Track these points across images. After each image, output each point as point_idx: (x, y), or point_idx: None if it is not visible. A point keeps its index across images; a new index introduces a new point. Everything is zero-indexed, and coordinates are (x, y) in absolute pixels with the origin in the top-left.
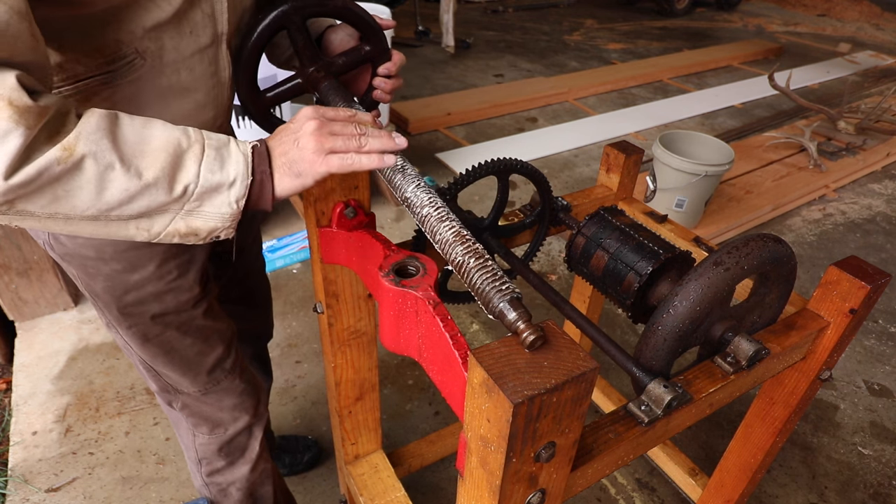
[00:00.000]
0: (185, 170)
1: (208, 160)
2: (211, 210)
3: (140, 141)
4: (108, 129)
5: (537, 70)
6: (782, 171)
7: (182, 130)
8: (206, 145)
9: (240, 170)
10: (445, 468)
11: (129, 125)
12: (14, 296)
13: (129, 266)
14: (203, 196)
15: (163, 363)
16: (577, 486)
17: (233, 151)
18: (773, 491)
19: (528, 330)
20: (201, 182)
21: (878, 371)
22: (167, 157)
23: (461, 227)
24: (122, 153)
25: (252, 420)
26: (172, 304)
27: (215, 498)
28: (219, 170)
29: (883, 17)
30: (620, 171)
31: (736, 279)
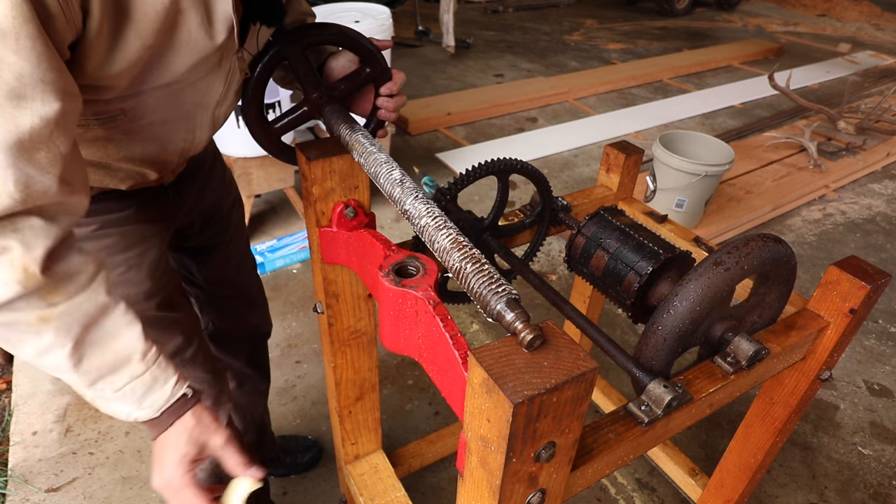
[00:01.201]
0: (116, 377)
1: (140, 382)
2: (115, 407)
3: (109, 336)
4: (91, 317)
5: (537, 70)
6: (782, 171)
7: (145, 349)
8: (149, 373)
9: (158, 401)
10: (445, 468)
11: (114, 320)
12: None
13: None
14: (114, 399)
15: None
16: (577, 486)
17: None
18: (773, 491)
19: (526, 329)
20: (119, 393)
21: (878, 371)
22: (111, 361)
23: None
24: (82, 339)
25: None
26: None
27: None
28: (141, 392)
29: (883, 17)
30: (620, 171)
31: (736, 279)
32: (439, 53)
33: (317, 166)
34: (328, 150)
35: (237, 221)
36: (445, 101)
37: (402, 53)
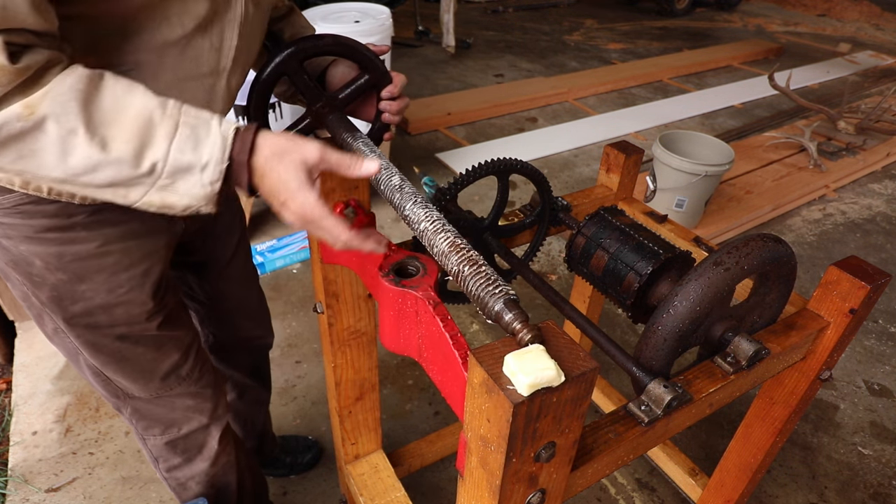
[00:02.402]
0: (154, 146)
1: (181, 139)
2: (184, 189)
3: (115, 108)
4: (82, 91)
5: (537, 70)
6: (782, 171)
7: (160, 103)
8: (181, 122)
9: (215, 153)
10: (445, 468)
11: (110, 90)
12: (14, 296)
13: (75, 277)
14: (174, 175)
15: (113, 370)
16: (577, 486)
17: (212, 132)
18: (773, 491)
19: (524, 329)
20: (171, 161)
21: (878, 371)
22: (136, 130)
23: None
24: (89, 119)
25: (209, 421)
26: (123, 317)
27: (174, 491)
28: (191, 150)
29: (883, 17)
30: (620, 171)
31: (736, 279)
32: (439, 53)
33: None
34: None
35: (239, 234)
36: (445, 101)
37: (402, 53)
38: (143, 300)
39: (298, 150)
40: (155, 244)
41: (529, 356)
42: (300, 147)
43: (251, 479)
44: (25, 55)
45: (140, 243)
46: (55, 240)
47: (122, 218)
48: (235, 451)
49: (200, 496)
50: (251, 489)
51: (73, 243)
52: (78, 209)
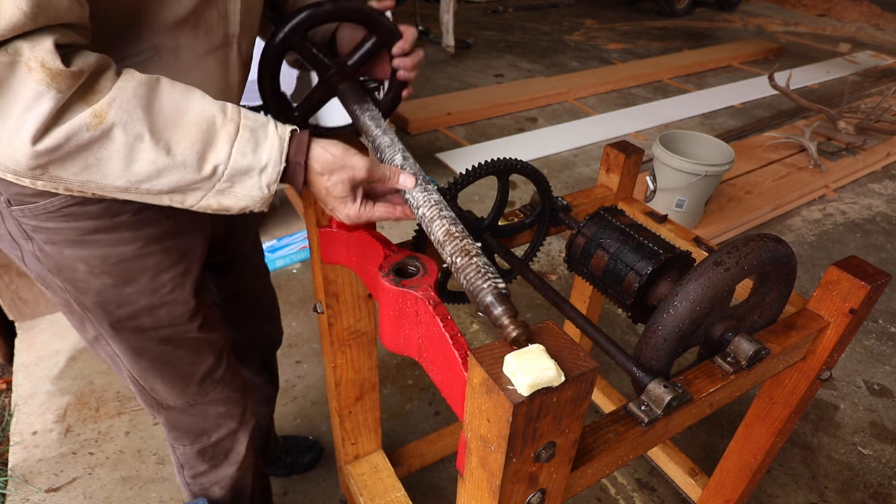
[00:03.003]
0: (217, 149)
1: (241, 142)
2: (242, 191)
3: (175, 112)
4: (144, 98)
5: (537, 70)
6: (782, 171)
7: (220, 107)
8: (242, 126)
9: (273, 155)
10: (445, 468)
11: (168, 94)
12: (14, 296)
13: (120, 280)
14: (234, 177)
15: (153, 377)
16: (577, 486)
17: (269, 134)
18: (773, 491)
19: (511, 325)
20: (231, 164)
21: (878, 371)
22: (199, 134)
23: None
24: (153, 124)
25: (237, 426)
26: (166, 318)
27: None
28: (251, 152)
29: (883, 17)
30: (620, 171)
31: (736, 279)
32: (439, 53)
33: None
34: None
35: (255, 231)
36: (445, 101)
37: None
38: (186, 299)
39: (349, 167)
40: (191, 243)
41: (529, 356)
42: (350, 164)
43: (259, 480)
44: (76, 58)
45: (178, 243)
46: (101, 241)
47: (161, 217)
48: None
49: (223, 500)
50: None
51: (118, 245)
52: (122, 208)
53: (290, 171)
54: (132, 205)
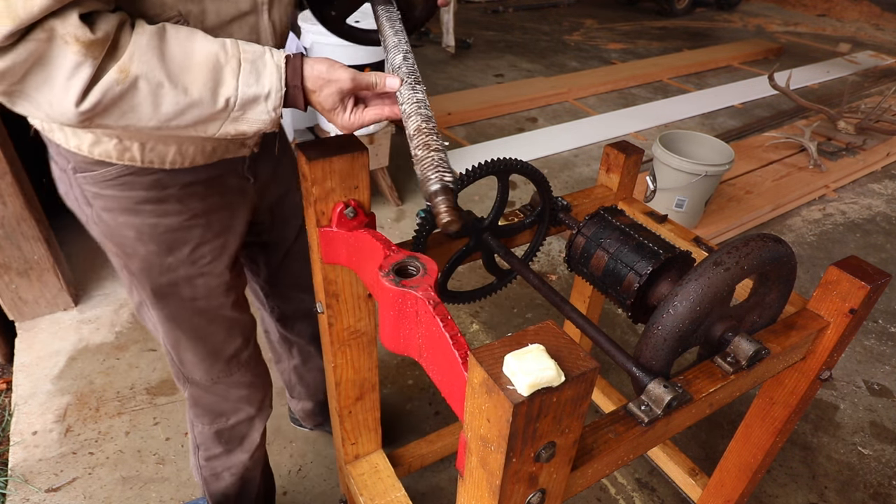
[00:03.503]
0: (225, 85)
1: (245, 74)
2: (253, 117)
3: (184, 56)
4: (156, 48)
5: (537, 70)
6: (782, 171)
7: (220, 44)
8: (242, 59)
9: (273, 82)
10: (445, 468)
11: (175, 40)
12: (14, 296)
13: (164, 248)
14: (244, 106)
15: (185, 348)
16: (577, 486)
17: (267, 63)
18: (773, 491)
19: (445, 213)
20: (240, 95)
21: (878, 371)
22: (208, 73)
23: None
24: (169, 71)
25: (255, 413)
26: (203, 290)
27: (206, 480)
28: (255, 82)
29: (883, 17)
30: (620, 171)
31: (736, 279)
32: (439, 53)
33: (317, 166)
34: (328, 150)
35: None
36: (445, 101)
37: None
38: (221, 271)
39: (335, 80)
40: (232, 220)
41: (529, 356)
42: (335, 77)
43: (265, 479)
44: (98, 23)
45: (220, 217)
46: (150, 211)
47: (206, 193)
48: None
49: (230, 488)
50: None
51: (166, 215)
52: (172, 181)
53: (291, 95)
54: (180, 179)
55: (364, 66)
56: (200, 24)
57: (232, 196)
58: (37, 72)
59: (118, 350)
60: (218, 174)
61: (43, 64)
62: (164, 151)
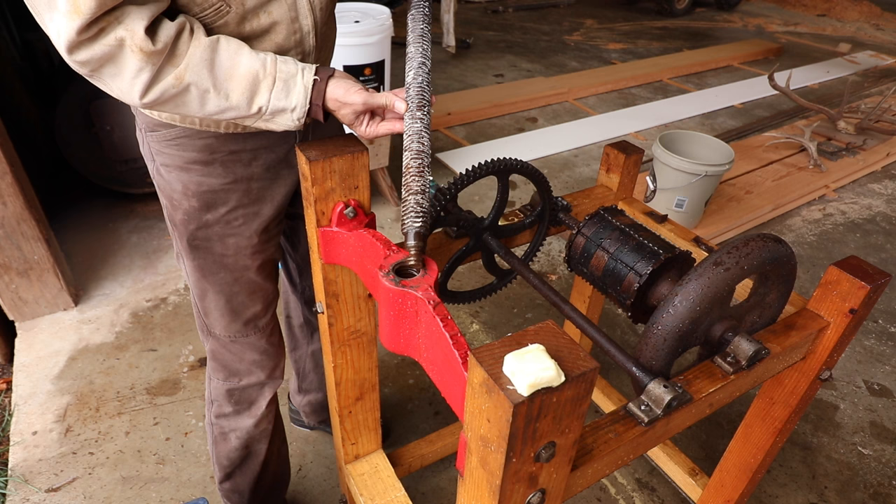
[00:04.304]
0: (260, 95)
1: (276, 90)
2: (281, 122)
3: (230, 67)
4: (208, 60)
5: (537, 70)
6: (782, 171)
7: (262, 62)
8: (277, 78)
9: (300, 100)
10: (445, 468)
11: (225, 52)
12: (14, 296)
13: (204, 205)
14: (273, 114)
15: (209, 301)
16: (577, 486)
17: (297, 83)
18: (773, 491)
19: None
20: (271, 106)
21: (878, 371)
22: (247, 84)
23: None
24: (216, 80)
25: (266, 379)
26: (232, 248)
27: (216, 440)
28: (284, 98)
29: (883, 17)
30: (620, 171)
31: (736, 279)
32: (439, 53)
33: (317, 166)
34: (328, 151)
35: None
36: (445, 101)
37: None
38: (250, 235)
39: (349, 104)
40: (271, 192)
41: (529, 356)
42: (349, 101)
43: (277, 460)
44: (160, 32)
45: (259, 186)
46: (198, 171)
47: (251, 161)
48: (274, 426)
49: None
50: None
51: (210, 176)
52: (221, 147)
53: (313, 111)
54: (230, 146)
55: (365, 66)
56: (242, 6)
57: (278, 167)
58: (110, 67)
59: (118, 350)
60: (267, 144)
61: (114, 63)
62: (218, 121)
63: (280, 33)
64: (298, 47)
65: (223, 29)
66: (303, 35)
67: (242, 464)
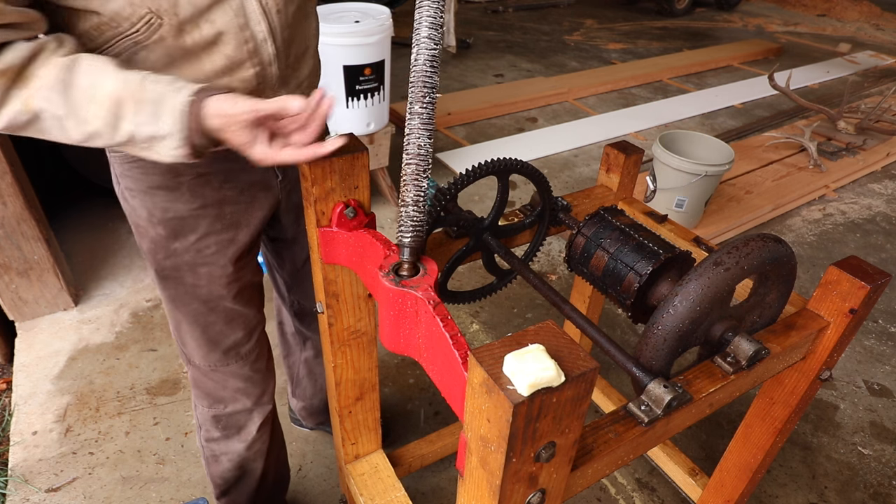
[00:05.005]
0: (125, 120)
1: (145, 114)
2: (162, 151)
3: (90, 88)
4: (62, 81)
5: (537, 70)
6: (782, 171)
7: (124, 82)
8: (145, 100)
9: (174, 125)
10: (445, 468)
11: (86, 74)
12: (14, 296)
13: (172, 233)
14: (149, 141)
15: (185, 331)
16: (577, 486)
17: (167, 107)
18: (773, 491)
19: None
20: (139, 132)
21: (878, 371)
22: (110, 108)
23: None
24: (73, 104)
25: (253, 406)
26: (205, 278)
27: (206, 460)
28: (153, 122)
29: (883, 17)
30: (620, 171)
31: (736, 279)
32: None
33: (317, 166)
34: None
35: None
36: (445, 101)
37: (402, 54)
38: (224, 264)
39: (236, 115)
40: (247, 216)
41: (529, 356)
42: (237, 111)
43: (276, 469)
44: (4, 55)
45: (233, 210)
46: (163, 197)
47: (223, 184)
48: (271, 440)
49: (227, 472)
50: (272, 480)
51: (176, 202)
52: (186, 170)
53: (190, 137)
54: (195, 168)
55: (365, 66)
56: (176, 17)
57: (253, 190)
58: None
59: (118, 350)
60: (240, 167)
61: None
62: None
63: (228, 44)
64: (254, 57)
65: (160, 45)
66: (257, 44)
67: (238, 483)
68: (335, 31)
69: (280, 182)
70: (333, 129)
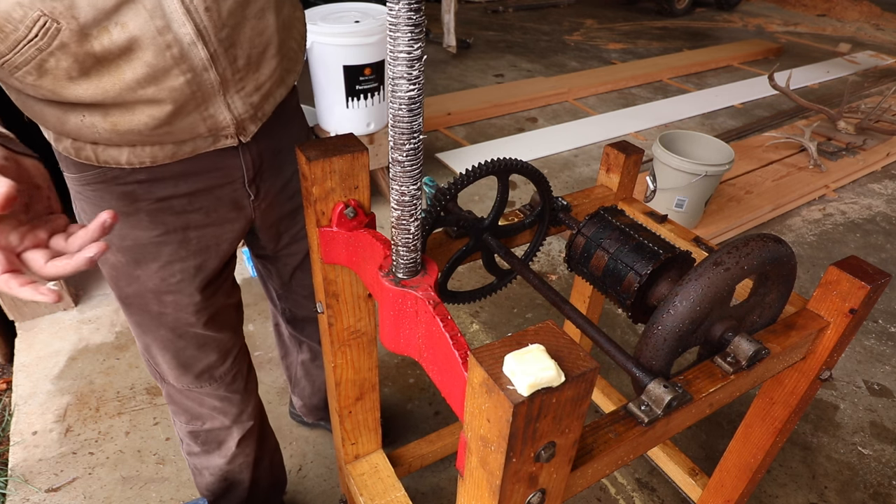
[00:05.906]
0: None
1: None
2: None
3: None
4: None
5: (537, 70)
6: (782, 171)
7: None
8: None
9: None
10: (445, 468)
11: None
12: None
13: (132, 261)
14: None
15: (156, 353)
16: (577, 486)
17: None
18: (773, 491)
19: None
20: None
21: (878, 371)
22: None
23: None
24: None
25: (231, 424)
26: (171, 306)
27: (191, 471)
28: None
29: (883, 17)
30: (620, 171)
31: (736, 279)
32: (440, 53)
33: (317, 166)
34: (328, 150)
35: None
36: (445, 101)
37: None
38: (192, 292)
39: None
40: (216, 239)
41: (529, 356)
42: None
43: (270, 474)
44: None
45: (200, 235)
46: (119, 223)
47: (187, 208)
48: (257, 451)
49: (212, 485)
50: (266, 485)
51: (135, 229)
52: (144, 195)
53: None
54: (156, 192)
55: (365, 66)
56: (75, 20)
57: (222, 212)
58: None
59: (118, 350)
60: (205, 187)
61: None
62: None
63: (147, 49)
64: (182, 63)
65: (65, 52)
66: (183, 48)
67: (227, 493)
68: (335, 31)
69: (253, 201)
70: (334, 129)
